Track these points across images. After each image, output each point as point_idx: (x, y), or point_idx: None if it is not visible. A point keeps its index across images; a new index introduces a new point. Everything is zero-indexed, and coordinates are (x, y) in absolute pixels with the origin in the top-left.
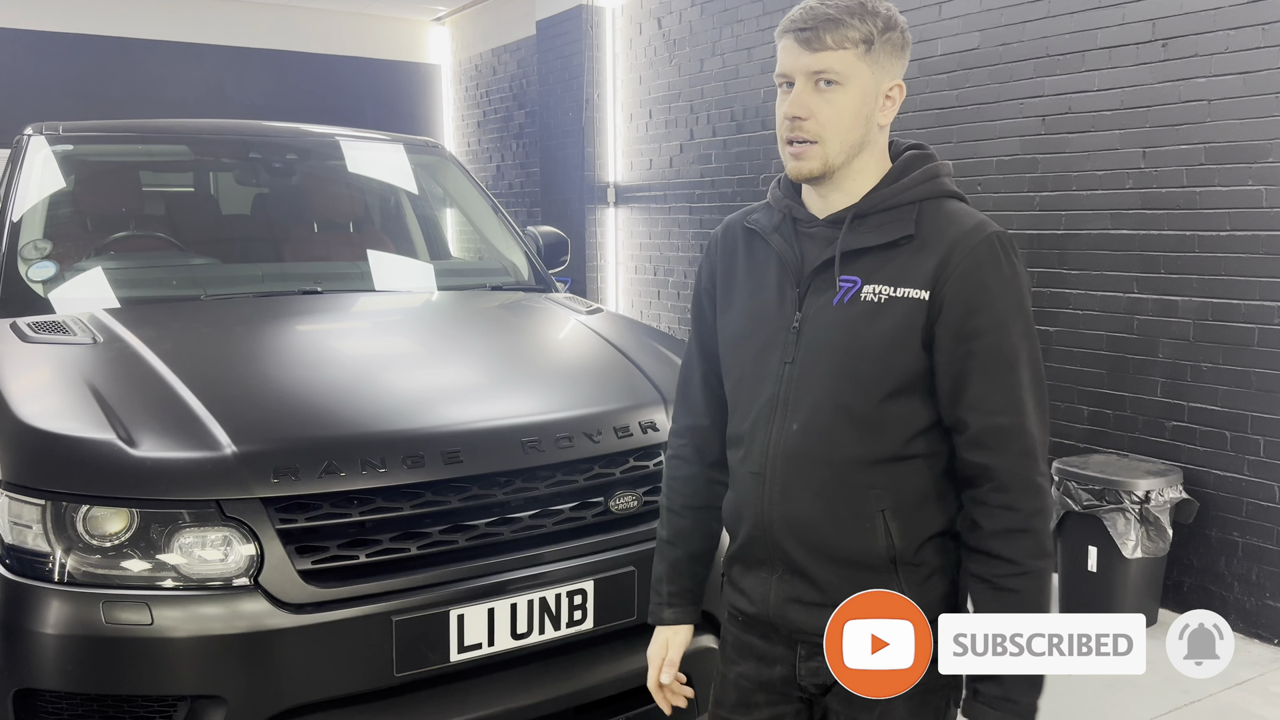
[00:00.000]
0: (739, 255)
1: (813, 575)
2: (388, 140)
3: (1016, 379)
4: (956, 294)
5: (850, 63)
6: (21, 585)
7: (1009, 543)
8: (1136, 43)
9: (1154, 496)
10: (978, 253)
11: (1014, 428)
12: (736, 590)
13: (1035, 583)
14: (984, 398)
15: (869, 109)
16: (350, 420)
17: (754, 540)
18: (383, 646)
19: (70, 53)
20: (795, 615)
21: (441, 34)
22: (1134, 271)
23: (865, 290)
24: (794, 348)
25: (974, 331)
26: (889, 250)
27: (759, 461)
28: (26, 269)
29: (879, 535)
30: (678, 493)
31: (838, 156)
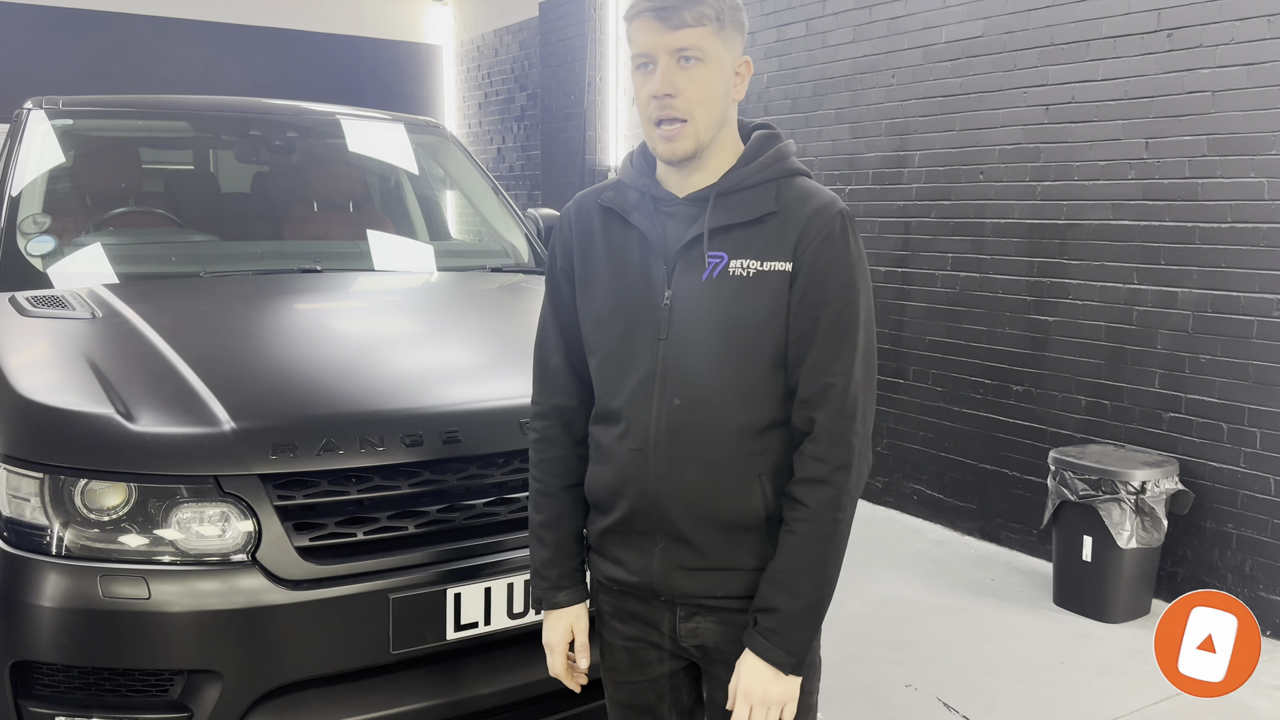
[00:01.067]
0: (596, 234)
1: (697, 542)
2: (389, 120)
3: (852, 345)
4: (811, 264)
5: (708, 39)
6: (19, 558)
7: (809, 490)
8: (1141, 33)
9: (1150, 487)
10: (831, 226)
11: (840, 389)
12: (610, 561)
13: (824, 530)
14: (822, 360)
15: (726, 85)
16: (349, 398)
17: (636, 514)
18: (379, 624)
19: (70, 27)
20: (680, 582)
21: (443, 14)
22: (1134, 262)
23: (733, 265)
24: (667, 325)
25: (822, 299)
26: (754, 226)
27: (640, 438)
28: (25, 243)
29: (759, 498)
30: (551, 474)
31: (706, 133)
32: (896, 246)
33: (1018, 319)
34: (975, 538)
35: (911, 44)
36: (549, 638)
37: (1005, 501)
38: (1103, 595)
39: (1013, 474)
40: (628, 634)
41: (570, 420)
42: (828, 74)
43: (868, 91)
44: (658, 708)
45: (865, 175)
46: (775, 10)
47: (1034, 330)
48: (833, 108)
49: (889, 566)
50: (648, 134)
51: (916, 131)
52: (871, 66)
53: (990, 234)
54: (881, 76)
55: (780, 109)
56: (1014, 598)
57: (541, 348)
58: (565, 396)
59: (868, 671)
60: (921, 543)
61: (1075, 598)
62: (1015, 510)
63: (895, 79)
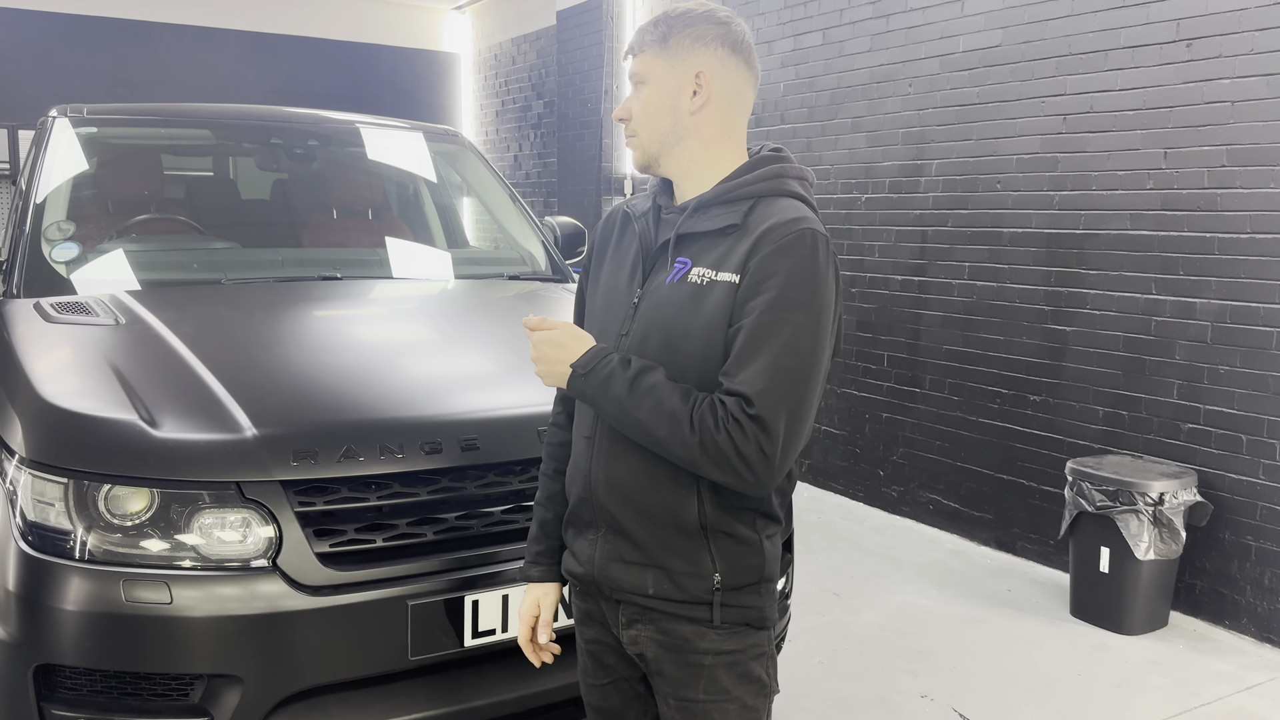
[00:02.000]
0: (613, 238)
1: (633, 535)
2: (408, 128)
3: (772, 353)
4: (752, 273)
5: (649, 62)
6: (43, 562)
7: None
8: (1160, 43)
9: (1168, 498)
10: (784, 241)
11: (745, 395)
12: (570, 554)
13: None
14: (739, 367)
15: (671, 99)
16: (369, 405)
17: (583, 502)
18: (397, 630)
19: (93, 35)
20: (616, 573)
21: (462, 22)
22: (1153, 273)
23: (693, 272)
24: (630, 321)
25: (754, 308)
26: (717, 237)
27: (590, 426)
28: (50, 250)
29: (692, 504)
30: (550, 457)
31: (651, 145)
32: (913, 255)
33: (1035, 329)
34: (991, 548)
35: (929, 53)
36: (520, 609)
37: (1022, 512)
38: (1120, 607)
39: (1029, 484)
40: (589, 635)
41: (573, 410)
42: (845, 83)
43: (885, 100)
44: (625, 712)
45: (882, 184)
46: (792, 20)
47: (1051, 340)
48: (849, 116)
49: (905, 576)
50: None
51: (934, 140)
52: (889, 75)
53: (1008, 243)
54: (899, 86)
55: (796, 118)
56: (1030, 608)
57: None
58: None
59: (884, 682)
60: (937, 553)
61: (1092, 609)
62: (1032, 520)
63: (912, 88)
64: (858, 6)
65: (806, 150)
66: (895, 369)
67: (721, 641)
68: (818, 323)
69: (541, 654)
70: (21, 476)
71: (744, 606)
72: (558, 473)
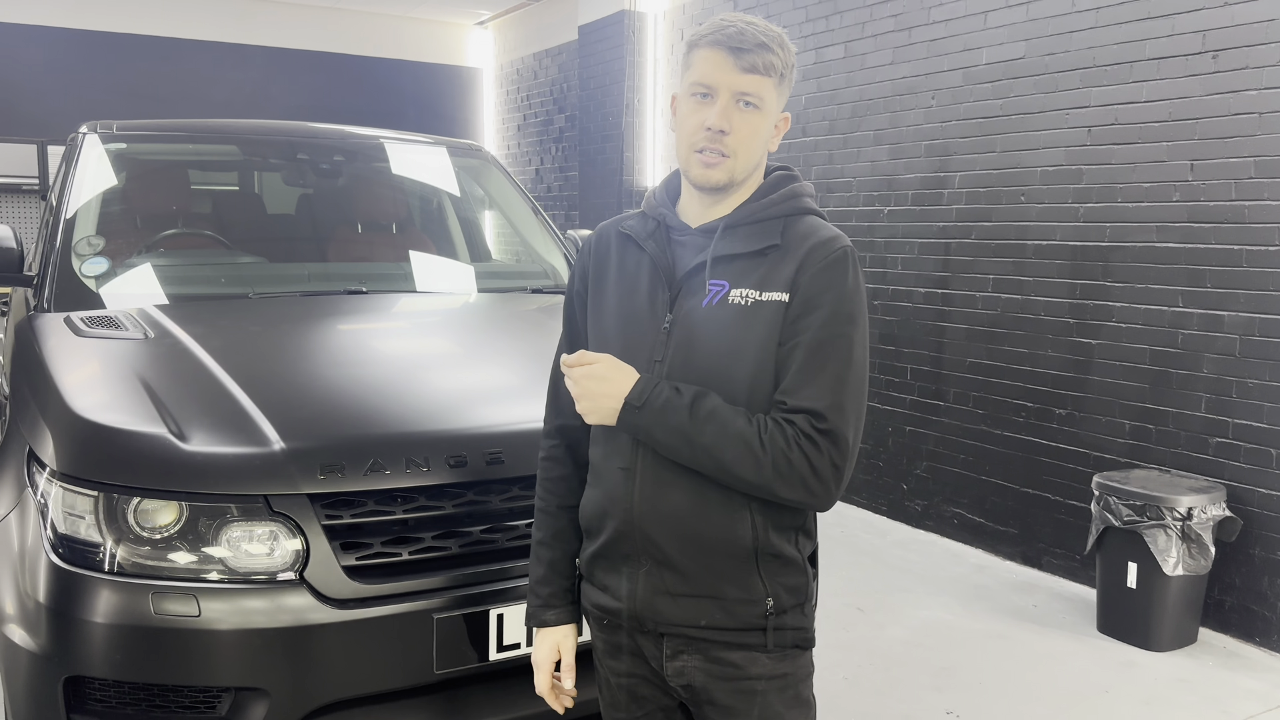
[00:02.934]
0: (612, 260)
1: (681, 567)
2: (432, 143)
3: (841, 370)
4: (804, 292)
5: (769, 90)
6: (73, 574)
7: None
8: (1186, 54)
9: (1196, 513)
10: (830, 259)
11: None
12: (598, 589)
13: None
14: (804, 384)
15: (768, 132)
16: (395, 419)
17: (621, 536)
18: (423, 644)
19: (121, 52)
20: (663, 608)
21: (484, 38)
22: (1180, 285)
23: (733, 294)
24: (664, 347)
25: (810, 324)
26: (756, 258)
27: (628, 457)
28: (80, 265)
29: (746, 527)
30: (552, 493)
31: (741, 173)
32: (936, 268)
33: (1060, 341)
34: (1016, 563)
35: (951, 65)
36: (535, 655)
37: (1047, 526)
38: (1148, 623)
39: (1055, 498)
40: (620, 670)
41: (575, 441)
42: (866, 95)
43: (907, 113)
44: None
45: (904, 196)
46: (814, 33)
47: (1077, 353)
48: (871, 129)
49: (929, 591)
50: (684, 156)
51: (956, 153)
52: (911, 88)
53: (1032, 255)
54: (921, 98)
55: (818, 130)
56: (1057, 624)
57: (555, 369)
58: (571, 417)
59: (908, 698)
60: (962, 567)
61: (1120, 625)
62: (1057, 535)
63: (935, 100)
64: (879, 20)
65: (828, 163)
66: (918, 382)
67: (773, 666)
68: (864, 336)
69: (565, 699)
70: (52, 489)
71: (793, 628)
72: (561, 509)
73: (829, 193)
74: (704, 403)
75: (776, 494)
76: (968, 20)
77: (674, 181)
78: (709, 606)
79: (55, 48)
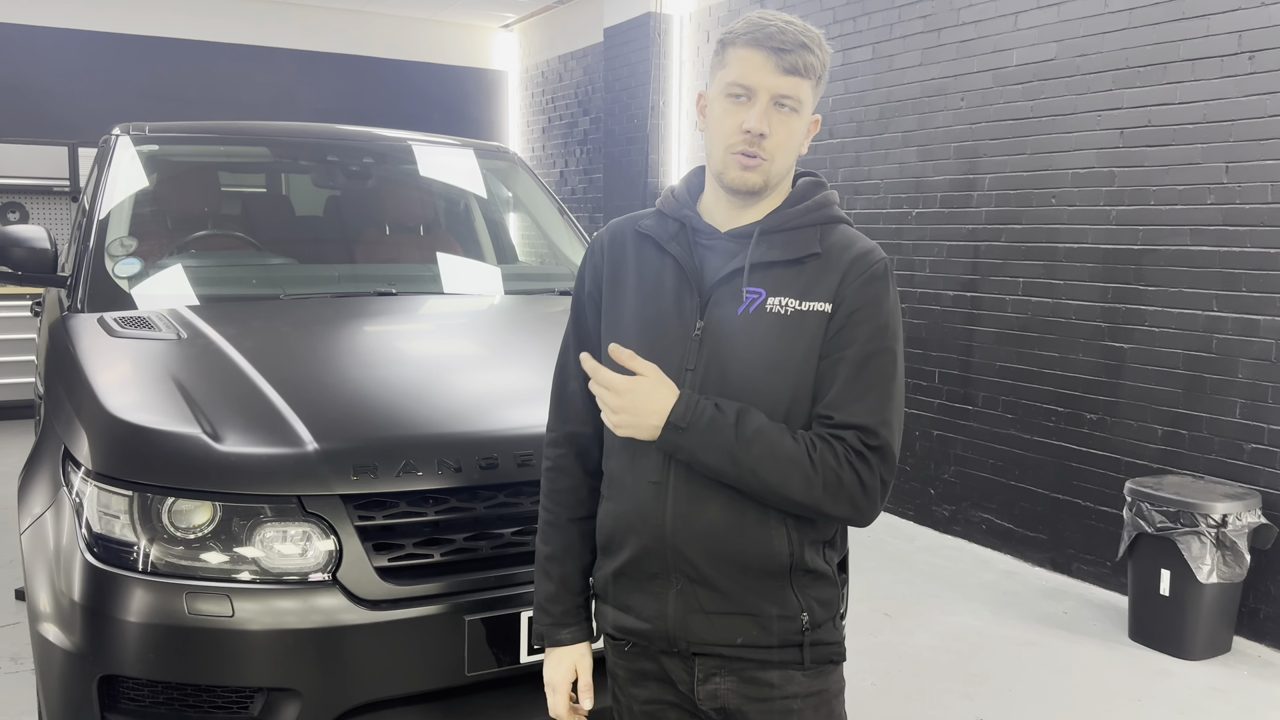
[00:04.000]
0: (629, 261)
1: (716, 584)
2: (460, 146)
3: (886, 384)
4: (849, 303)
5: (807, 92)
6: (108, 573)
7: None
8: (1221, 55)
9: (1231, 520)
10: (873, 269)
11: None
12: (619, 609)
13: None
14: (849, 398)
15: (802, 135)
16: (427, 420)
17: (649, 553)
18: (455, 645)
19: (149, 55)
20: (697, 627)
21: (509, 40)
22: (1214, 289)
23: (770, 302)
24: (696, 356)
25: (854, 338)
26: (795, 266)
27: (659, 471)
28: (113, 266)
29: (783, 542)
30: (561, 505)
31: (776, 176)
32: (965, 270)
33: (1091, 345)
34: (1046, 569)
35: (981, 67)
36: (550, 676)
37: (1077, 532)
38: (1181, 631)
39: (1085, 504)
40: (644, 698)
41: (584, 449)
42: (895, 97)
43: (936, 114)
44: None
45: (933, 199)
46: (841, 34)
47: (1108, 357)
48: (899, 130)
49: (957, 597)
50: (719, 158)
51: (986, 155)
52: (940, 89)
53: (1063, 259)
54: (950, 99)
55: (845, 132)
56: (1087, 631)
57: (561, 373)
58: (580, 424)
59: (938, 704)
60: (991, 573)
61: (1152, 633)
62: (1088, 541)
63: (964, 102)
64: (908, 21)
65: (855, 165)
66: (946, 385)
67: (809, 683)
68: (902, 348)
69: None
70: (87, 489)
71: (827, 643)
72: (571, 521)
73: (856, 195)
74: (749, 421)
75: (823, 511)
76: (998, 21)
77: (695, 181)
78: (745, 624)
79: (85, 51)
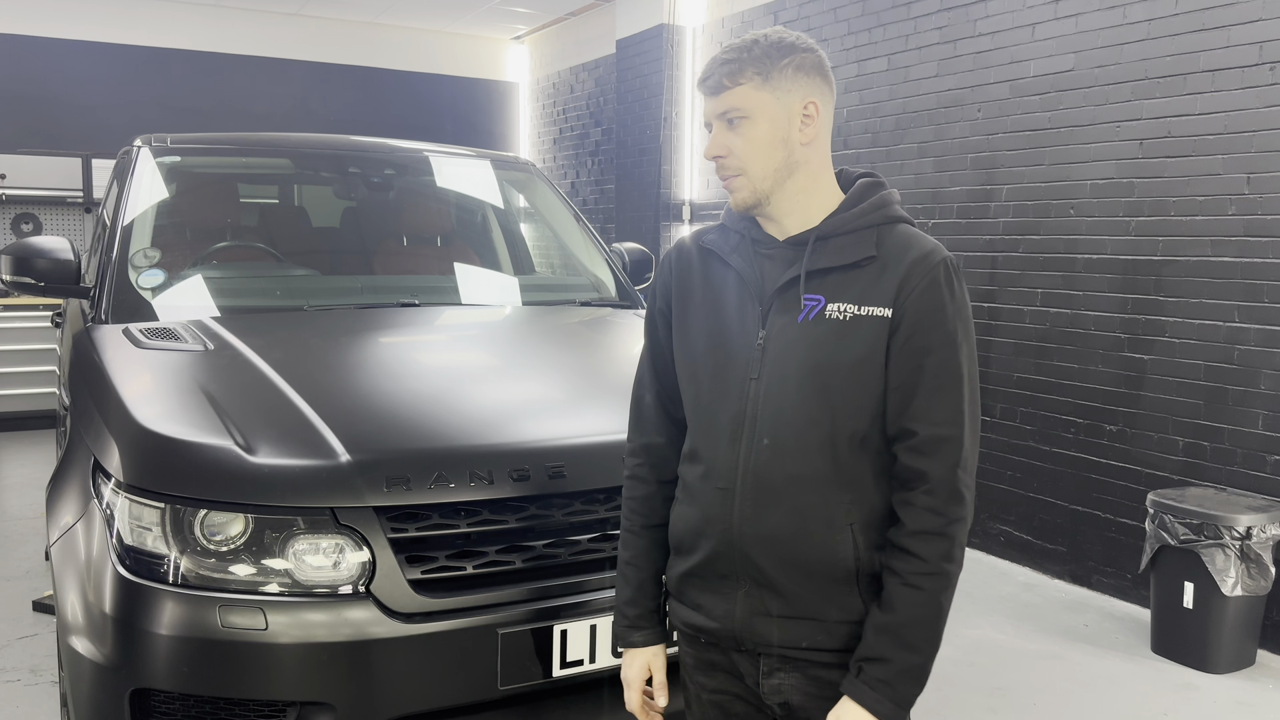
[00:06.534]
0: (695, 275)
1: (782, 588)
2: (481, 157)
3: (960, 394)
4: (914, 311)
5: (750, 96)
6: (140, 586)
7: (926, 543)
8: (1242, 66)
9: (1256, 533)
10: (935, 273)
11: (953, 439)
12: (690, 608)
13: (940, 584)
14: (929, 409)
15: (783, 132)
16: (458, 432)
17: (719, 555)
18: (488, 659)
19: (163, 67)
20: (762, 629)
21: (520, 52)
22: (1236, 300)
23: (830, 308)
24: (759, 364)
25: (926, 347)
26: (852, 270)
27: (727, 477)
28: (136, 277)
29: (848, 548)
30: (636, 513)
31: (764, 182)
32: (983, 281)
33: (1111, 357)
34: (1065, 581)
35: (998, 78)
36: (626, 673)
37: (1097, 544)
38: (1205, 644)
39: (1105, 516)
40: (712, 686)
41: (659, 460)
42: (910, 108)
43: (952, 125)
44: None
45: (950, 209)
46: (857, 45)
47: (1128, 368)
48: (915, 141)
49: (978, 610)
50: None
51: (1004, 165)
52: (956, 100)
53: (1082, 269)
54: (967, 111)
55: (860, 143)
56: (1110, 644)
57: (638, 385)
58: (655, 435)
59: (964, 718)
60: (1010, 585)
61: (1175, 646)
62: (1108, 553)
63: (981, 113)
64: (924, 32)
65: None
66: None
67: None
68: (973, 349)
69: (656, 718)
70: (118, 501)
71: None
72: (645, 528)
73: None
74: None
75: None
76: (1015, 32)
77: None
78: (810, 628)
79: (99, 63)
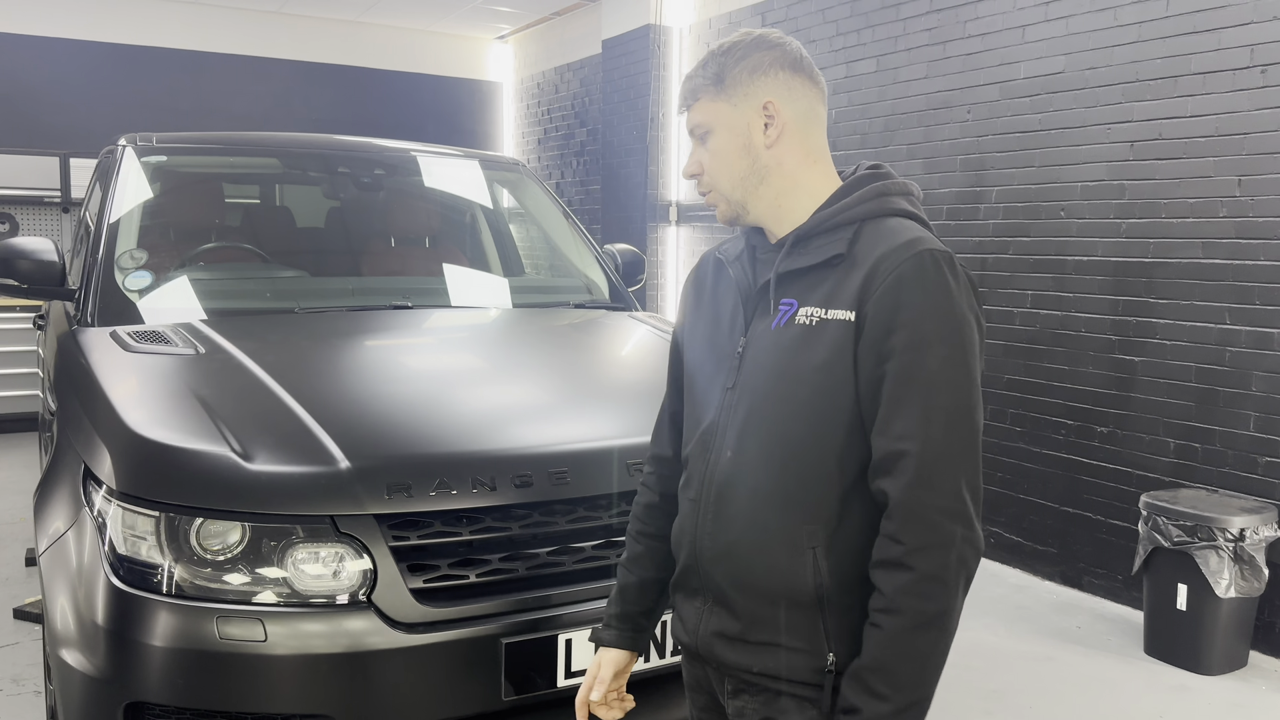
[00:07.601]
0: (706, 286)
1: (738, 608)
2: (472, 157)
3: (923, 402)
4: (876, 312)
5: (708, 109)
6: (134, 597)
7: (885, 575)
8: (1233, 69)
9: (1249, 534)
10: (901, 269)
11: (910, 455)
12: (678, 618)
13: (901, 623)
14: (888, 421)
15: (743, 140)
16: (459, 437)
17: (689, 569)
18: (492, 669)
19: (141, 65)
20: (718, 649)
21: (504, 52)
22: (1227, 302)
23: (800, 313)
24: (735, 373)
25: (889, 351)
26: (823, 271)
27: (697, 488)
28: (123, 278)
29: (808, 572)
30: (636, 519)
31: (734, 193)
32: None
33: (1101, 358)
34: (1056, 583)
35: (988, 80)
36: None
37: (1088, 546)
38: (1198, 646)
39: (1096, 517)
40: (700, 703)
41: (666, 473)
42: (899, 110)
43: (942, 127)
44: None
45: (939, 211)
46: (845, 47)
47: (1119, 370)
48: (904, 143)
49: (970, 612)
50: None
51: (993, 167)
52: (946, 102)
53: (1072, 271)
54: (956, 112)
55: (849, 144)
56: (1102, 646)
57: (663, 400)
58: (663, 447)
59: None
60: (1001, 587)
61: (1168, 648)
62: (1099, 555)
63: (971, 115)
64: (913, 34)
65: None
66: None
67: None
68: (961, 350)
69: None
70: (111, 509)
71: None
72: (642, 535)
73: None
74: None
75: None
76: (1005, 34)
77: None
78: (763, 654)
79: (78, 61)
